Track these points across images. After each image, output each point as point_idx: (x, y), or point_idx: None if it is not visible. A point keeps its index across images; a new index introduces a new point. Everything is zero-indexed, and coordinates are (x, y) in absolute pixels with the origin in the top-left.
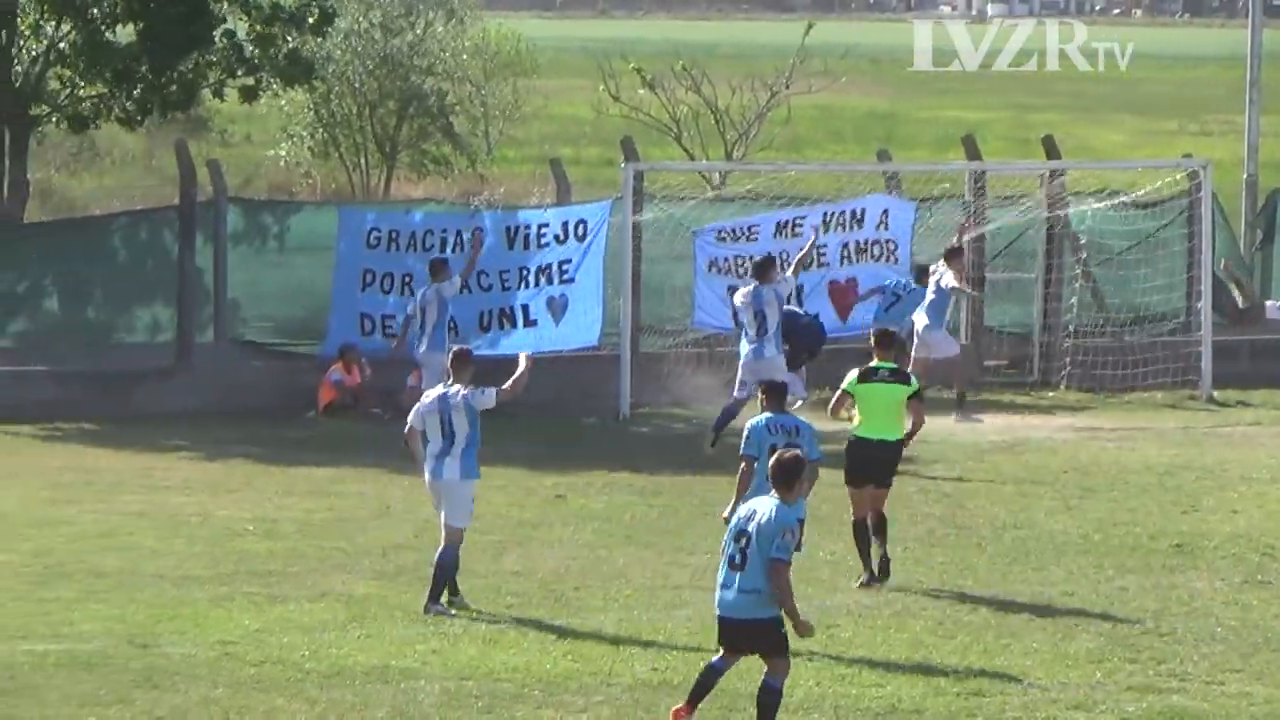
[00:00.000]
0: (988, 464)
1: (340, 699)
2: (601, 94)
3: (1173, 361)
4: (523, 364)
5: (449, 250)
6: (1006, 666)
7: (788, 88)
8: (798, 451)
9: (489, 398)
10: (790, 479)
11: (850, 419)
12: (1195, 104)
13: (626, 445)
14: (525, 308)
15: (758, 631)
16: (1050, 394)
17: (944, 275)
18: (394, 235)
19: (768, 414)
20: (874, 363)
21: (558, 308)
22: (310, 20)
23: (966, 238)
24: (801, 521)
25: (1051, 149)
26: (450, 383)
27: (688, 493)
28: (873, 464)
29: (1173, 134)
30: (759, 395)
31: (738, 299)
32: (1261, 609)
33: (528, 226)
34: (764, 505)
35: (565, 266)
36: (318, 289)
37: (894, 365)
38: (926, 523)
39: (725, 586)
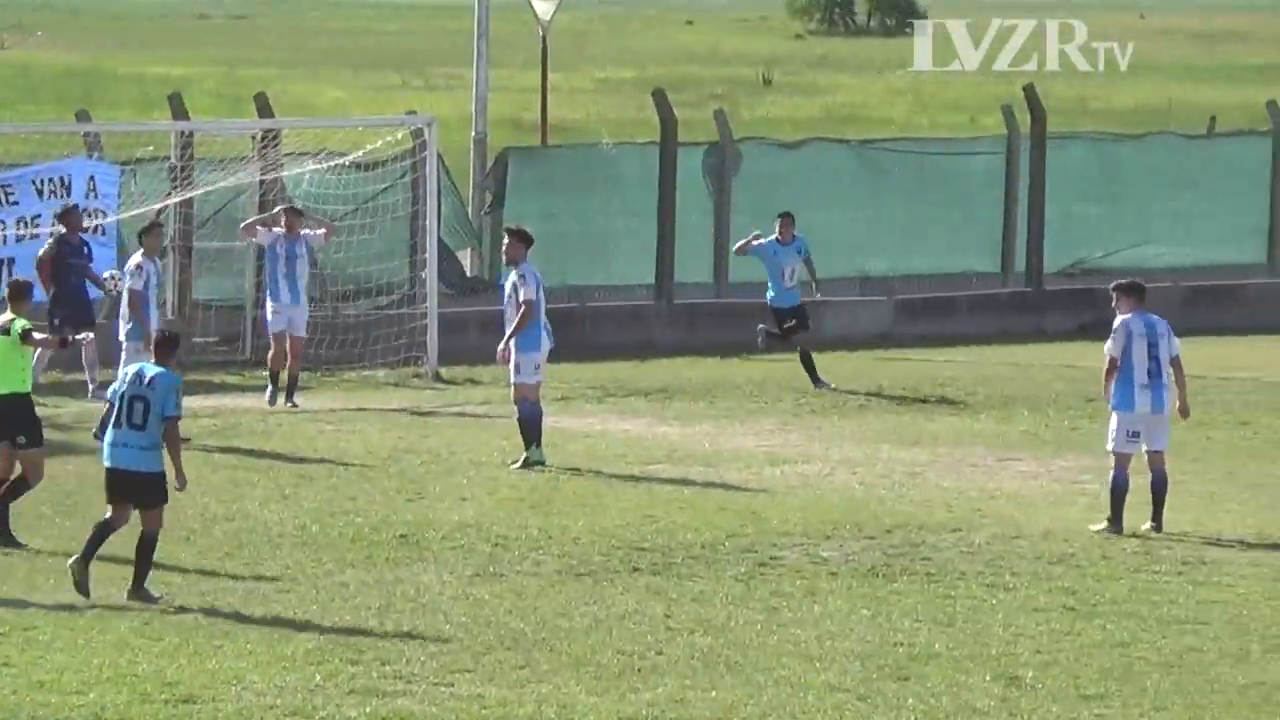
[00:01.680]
0: (196, 449)
1: None
2: None
3: (397, 337)
4: None
5: None
6: (219, 670)
7: None
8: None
9: None
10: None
11: None
12: (421, 56)
13: None
14: None
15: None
16: (265, 373)
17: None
18: None
19: None
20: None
21: None
22: None
23: (160, 206)
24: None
25: (264, 107)
26: None
27: None
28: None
29: (396, 89)
30: None
31: None
32: (494, 604)
33: None
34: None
35: None
36: None
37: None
38: None
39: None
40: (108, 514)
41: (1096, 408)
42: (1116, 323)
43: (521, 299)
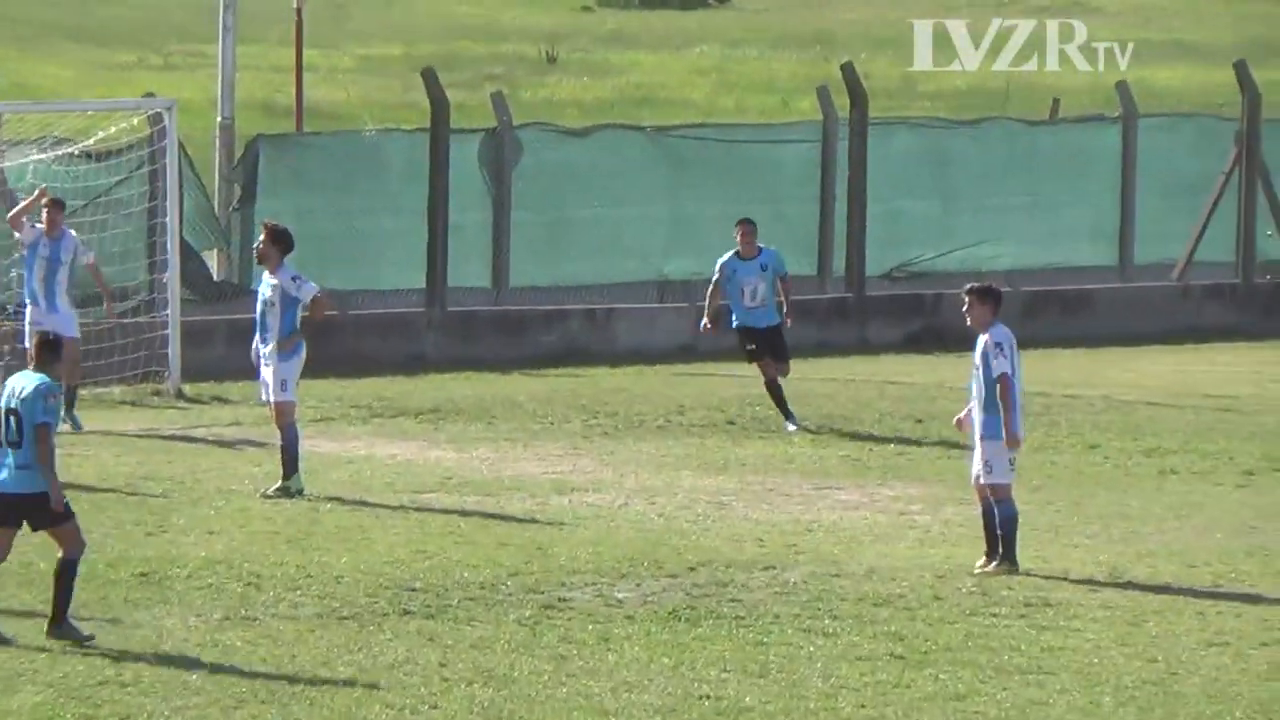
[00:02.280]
0: None
1: None
2: None
3: (134, 349)
4: None
5: None
6: None
7: None
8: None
9: None
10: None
11: None
12: (160, 30)
13: None
14: None
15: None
16: None
17: None
18: None
19: None
20: None
21: None
22: None
23: None
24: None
25: None
26: None
27: None
28: None
29: (132, 68)
30: None
31: None
32: (246, 651)
33: None
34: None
35: None
36: None
37: None
38: None
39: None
40: None
41: (925, 429)
42: (991, 335)
43: (305, 298)
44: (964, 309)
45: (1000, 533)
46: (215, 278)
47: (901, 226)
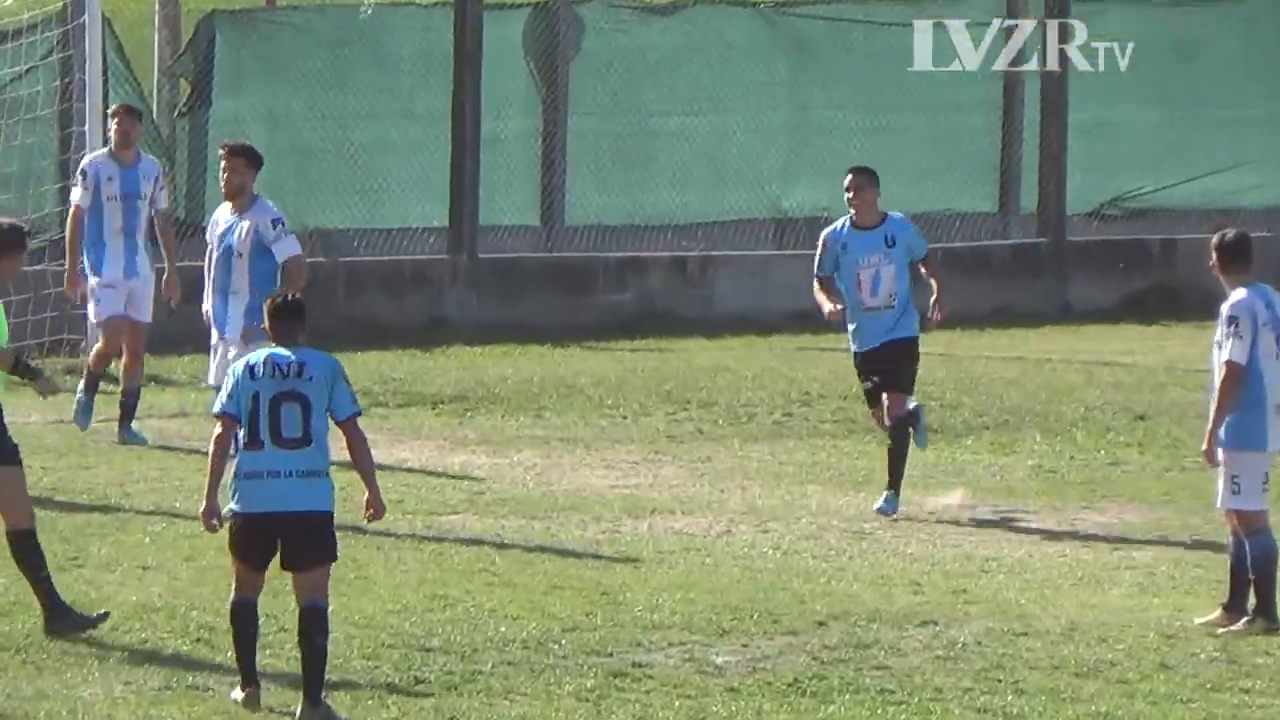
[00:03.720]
0: None
1: None
2: None
3: (38, 309)
4: None
5: None
6: None
7: None
8: None
9: None
10: None
11: None
12: None
13: None
14: None
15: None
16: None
17: None
18: None
19: None
20: None
21: None
22: None
23: None
24: None
25: None
26: None
27: None
28: None
29: None
30: None
31: None
32: None
33: None
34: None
35: None
36: None
37: None
38: None
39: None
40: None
41: (1149, 430)
42: (1229, 304)
43: (281, 257)
44: (1210, 263)
45: (1253, 577)
46: None
47: (1117, 146)
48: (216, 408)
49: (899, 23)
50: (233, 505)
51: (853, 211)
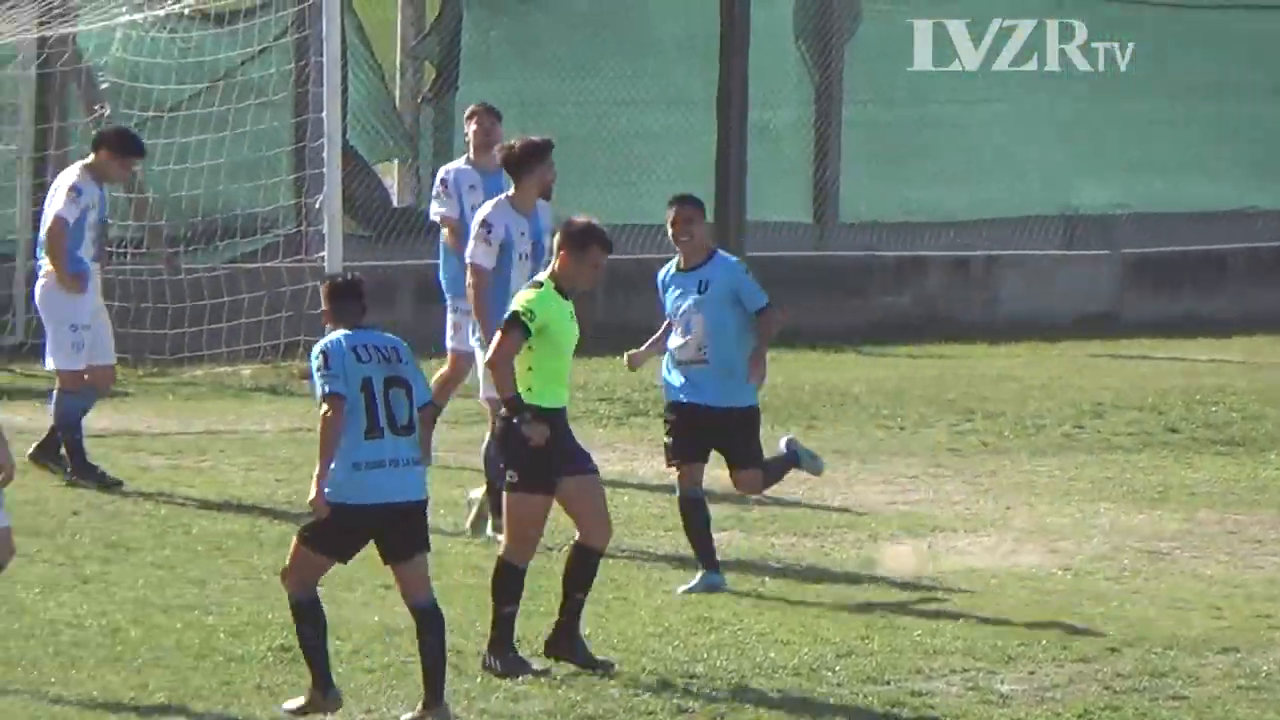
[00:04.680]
0: None
1: None
2: None
3: (273, 309)
4: None
5: None
6: None
7: None
8: None
9: None
10: None
11: None
12: None
13: None
14: None
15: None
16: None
17: None
18: None
19: None
20: None
21: None
22: None
23: None
24: None
25: None
26: None
27: None
28: None
29: None
30: None
31: None
32: None
33: None
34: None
35: None
36: None
37: None
38: None
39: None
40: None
41: None
42: None
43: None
44: None
45: None
46: (395, 203)
47: None
48: (324, 389)
49: (1210, 5)
50: (333, 496)
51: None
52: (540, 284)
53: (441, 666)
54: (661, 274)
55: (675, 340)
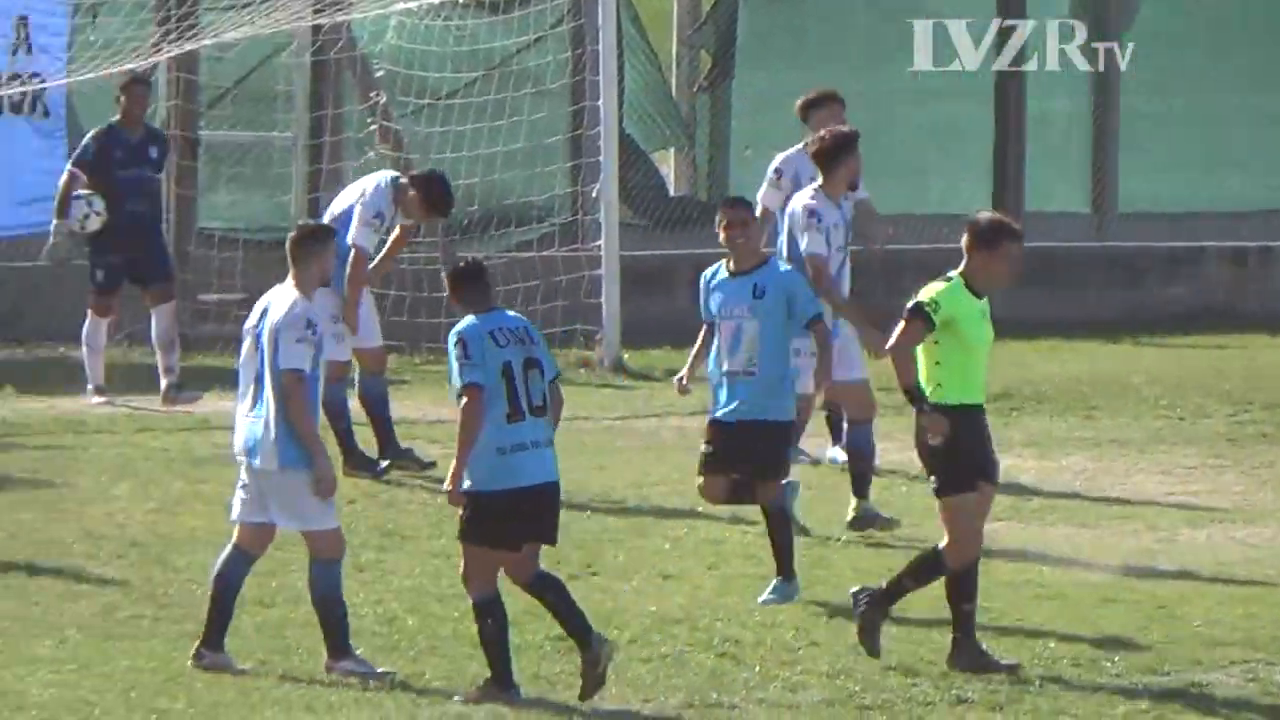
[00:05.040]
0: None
1: None
2: None
3: (548, 298)
4: None
5: None
6: None
7: None
8: None
9: None
10: None
11: None
12: None
13: None
14: None
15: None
16: None
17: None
18: None
19: None
20: None
21: None
22: None
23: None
24: None
25: None
26: None
27: None
28: None
29: None
30: None
31: None
32: None
33: None
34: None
35: None
36: None
37: None
38: None
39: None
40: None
41: None
42: None
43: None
44: None
45: None
46: (671, 191)
47: None
48: (463, 379)
49: None
50: (482, 485)
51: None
52: (950, 278)
53: (578, 609)
54: (707, 275)
55: (722, 353)
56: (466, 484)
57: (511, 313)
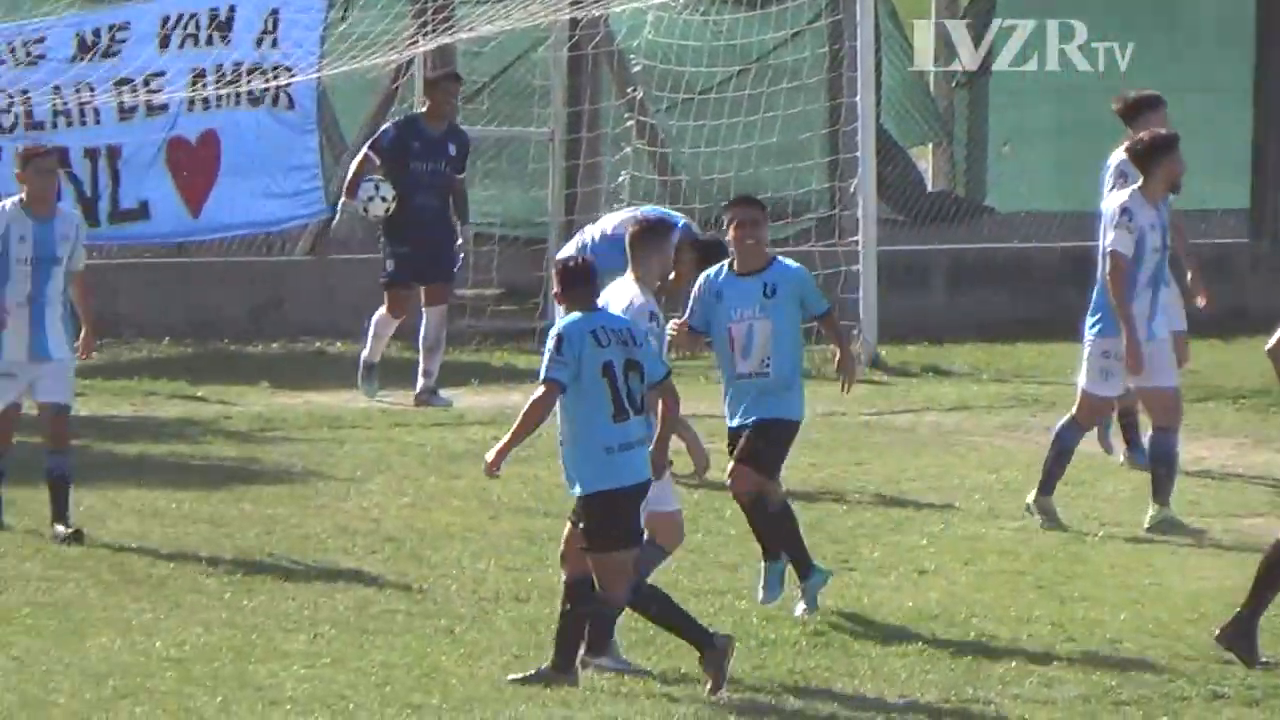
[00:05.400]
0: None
1: None
2: None
3: None
4: None
5: None
6: None
7: None
8: None
9: None
10: None
11: None
12: None
13: None
14: None
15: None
16: None
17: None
18: None
19: None
20: None
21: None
22: None
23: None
24: None
25: None
26: None
27: None
28: None
29: None
30: None
31: None
32: None
33: None
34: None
35: None
36: None
37: None
38: None
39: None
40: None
41: None
42: None
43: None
44: None
45: None
46: (929, 187)
47: None
48: (547, 373)
49: None
50: (593, 485)
51: (735, 252)
52: None
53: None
54: (711, 275)
55: (735, 358)
56: (576, 489)
57: (618, 315)
